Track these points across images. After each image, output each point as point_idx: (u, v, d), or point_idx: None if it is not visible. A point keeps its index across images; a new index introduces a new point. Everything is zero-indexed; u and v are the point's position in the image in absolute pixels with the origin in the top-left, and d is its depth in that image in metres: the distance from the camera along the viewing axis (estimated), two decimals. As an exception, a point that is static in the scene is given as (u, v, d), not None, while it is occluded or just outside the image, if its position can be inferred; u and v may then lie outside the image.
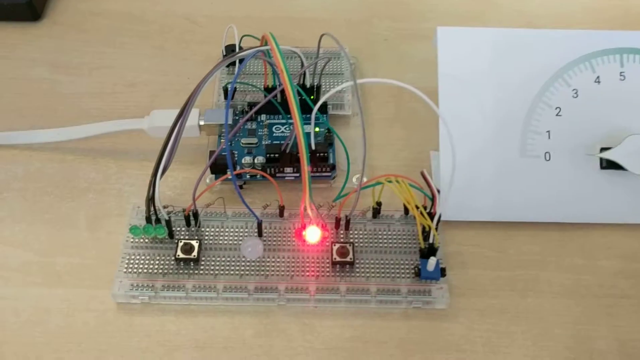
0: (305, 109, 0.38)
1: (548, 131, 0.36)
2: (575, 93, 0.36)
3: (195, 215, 0.33)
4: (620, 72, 0.36)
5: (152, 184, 0.31)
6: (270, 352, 0.31)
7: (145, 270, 0.32)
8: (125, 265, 0.32)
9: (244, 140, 0.38)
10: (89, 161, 0.38)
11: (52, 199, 0.36)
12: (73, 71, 0.44)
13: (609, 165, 0.35)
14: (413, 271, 0.33)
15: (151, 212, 0.32)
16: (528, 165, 0.36)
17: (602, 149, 0.35)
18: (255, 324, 0.32)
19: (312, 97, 0.39)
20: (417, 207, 0.32)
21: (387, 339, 0.32)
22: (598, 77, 0.36)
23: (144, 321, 0.32)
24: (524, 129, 0.36)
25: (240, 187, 0.37)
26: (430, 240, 0.32)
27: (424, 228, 0.33)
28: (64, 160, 0.38)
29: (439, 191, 0.33)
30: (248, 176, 0.37)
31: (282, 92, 0.38)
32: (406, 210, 0.35)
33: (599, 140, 0.36)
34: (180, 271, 0.32)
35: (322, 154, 0.36)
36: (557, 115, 0.36)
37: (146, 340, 0.31)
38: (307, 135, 0.35)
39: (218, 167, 0.35)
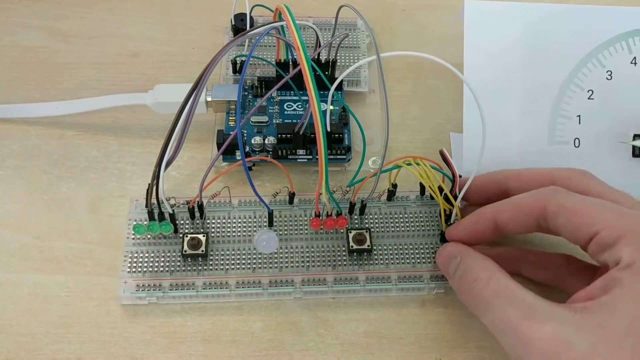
0: (321, 86, 0.35)
1: (579, 116, 0.34)
2: (610, 75, 0.34)
3: (201, 207, 0.31)
4: (659, 53, 0.34)
5: (156, 175, 0.29)
6: (280, 347, 0.29)
7: (150, 269, 0.30)
8: (129, 265, 0.30)
9: (253, 119, 0.35)
10: (89, 137, 0.36)
11: (51, 178, 0.34)
12: (72, 39, 0.41)
13: (643, 153, 0.33)
14: (434, 255, 0.31)
15: (153, 206, 0.30)
16: (556, 152, 0.34)
17: (636, 136, 0.34)
18: (265, 316, 0.30)
19: (326, 72, 0.36)
20: (441, 190, 0.30)
21: (403, 335, 0.30)
22: (635, 58, 0.34)
23: (148, 311, 0.30)
24: (553, 112, 0.34)
25: (250, 168, 0.35)
26: (452, 222, 0.30)
27: (444, 210, 0.31)
28: (62, 137, 0.36)
29: (460, 176, 0.31)
30: (257, 154, 0.34)
31: (295, 66, 0.36)
32: (422, 191, 0.33)
33: (632, 126, 0.34)
34: (189, 268, 0.30)
35: (337, 135, 0.34)
36: (588, 98, 0.34)
37: (150, 332, 0.29)
38: (322, 115, 0.33)
39: (227, 149, 0.33)
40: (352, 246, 0.31)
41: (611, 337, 0.23)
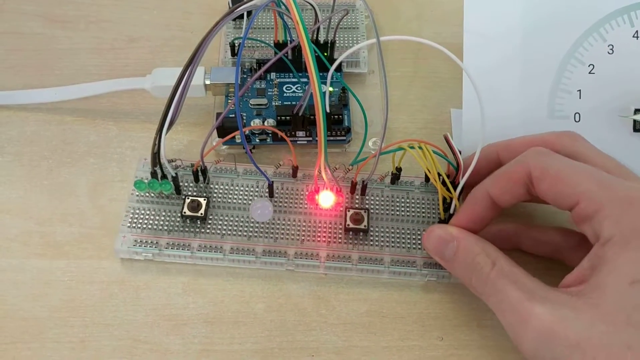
0: (320, 67, 0.35)
1: (579, 90, 0.34)
2: (611, 49, 0.34)
3: (204, 171, 0.32)
4: (662, 27, 0.34)
5: (157, 139, 0.29)
6: (283, 327, 0.29)
7: (149, 227, 0.31)
8: (130, 220, 0.31)
9: (252, 101, 0.35)
10: (88, 123, 0.36)
11: (51, 163, 0.34)
12: (69, 25, 0.41)
13: (644, 128, 0.33)
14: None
15: (156, 167, 0.31)
16: (556, 126, 0.33)
17: (637, 111, 0.33)
18: (267, 297, 0.30)
19: (325, 53, 0.36)
20: (440, 176, 0.30)
21: (405, 314, 0.30)
22: (637, 31, 0.34)
23: (150, 294, 0.30)
24: (553, 87, 0.34)
25: (250, 150, 0.35)
26: (452, 212, 0.30)
27: (444, 198, 0.31)
28: (62, 122, 0.36)
29: (460, 152, 0.31)
30: (257, 140, 0.34)
31: (294, 49, 0.35)
32: (427, 178, 0.33)
33: (633, 101, 0.33)
34: (187, 229, 0.31)
35: (336, 116, 0.34)
36: (589, 72, 0.34)
37: (153, 314, 0.30)
38: (321, 97, 0.33)
39: (226, 131, 0.33)
40: (348, 225, 0.31)
41: (606, 313, 0.23)
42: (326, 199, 0.31)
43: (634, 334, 0.22)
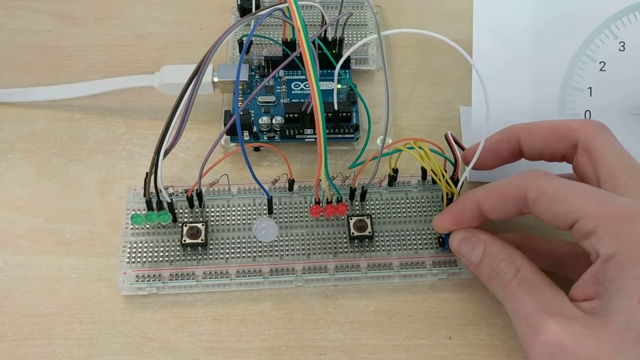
0: (327, 65, 0.35)
1: (590, 88, 0.34)
2: (623, 46, 0.33)
3: (199, 195, 0.31)
4: (674, 23, 0.33)
5: (154, 163, 0.28)
6: (291, 326, 0.29)
7: (150, 259, 0.30)
8: (128, 255, 0.30)
9: (260, 99, 0.35)
10: (97, 120, 0.36)
11: (60, 160, 0.34)
12: (78, 22, 0.41)
13: (656, 126, 0.33)
14: (436, 241, 0.31)
15: (151, 195, 0.30)
16: (567, 125, 0.33)
17: (649, 108, 0.33)
18: (275, 295, 0.30)
19: (333, 51, 0.36)
20: (443, 175, 0.30)
21: (413, 312, 0.30)
22: (649, 28, 0.33)
23: (158, 292, 0.30)
24: (564, 84, 0.34)
25: (257, 149, 0.35)
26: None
27: (446, 194, 0.30)
28: (71, 119, 0.36)
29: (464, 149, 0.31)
30: (265, 138, 0.34)
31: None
32: (423, 175, 0.33)
33: (645, 98, 0.33)
34: (188, 257, 0.30)
35: (344, 114, 0.34)
36: (600, 70, 0.33)
37: (161, 312, 0.30)
38: (328, 94, 0.32)
39: (234, 129, 0.33)
40: (353, 233, 0.31)
41: (614, 333, 0.23)
42: (328, 209, 0.30)
43: None
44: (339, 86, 0.36)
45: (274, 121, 0.34)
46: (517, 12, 0.34)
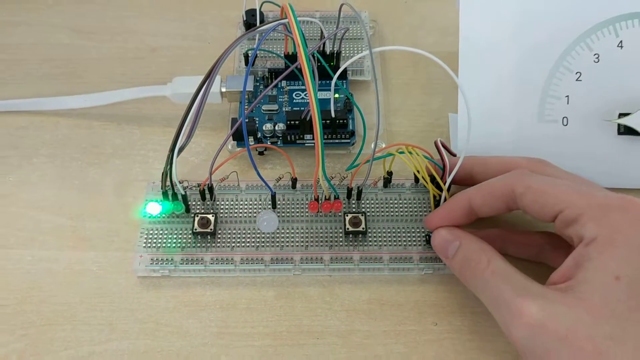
0: (326, 76, 0.38)
1: (567, 96, 0.36)
2: (597, 58, 0.36)
3: (211, 189, 0.34)
4: (644, 37, 0.36)
5: (169, 159, 0.31)
6: (291, 313, 0.32)
7: (163, 245, 0.33)
8: (144, 241, 0.33)
9: (264, 107, 0.38)
10: (114, 127, 0.39)
11: (80, 164, 0.38)
12: (94, 36, 0.44)
13: (627, 131, 0.35)
14: (424, 239, 0.34)
15: (167, 187, 0.33)
16: (546, 130, 0.36)
17: (621, 115, 0.35)
18: (277, 286, 0.33)
19: (331, 63, 0.39)
20: (433, 177, 0.32)
21: (403, 302, 0.33)
22: (621, 41, 0.36)
23: (171, 282, 0.33)
24: (543, 93, 0.36)
25: (262, 153, 0.38)
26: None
27: (435, 196, 0.33)
28: (90, 127, 0.39)
29: (454, 155, 0.33)
30: (269, 142, 0.37)
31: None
32: (416, 179, 0.36)
33: (617, 106, 0.36)
34: (198, 245, 0.33)
35: (341, 121, 0.37)
36: (577, 80, 0.36)
37: (173, 300, 0.33)
38: (326, 103, 0.35)
39: (240, 134, 0.36)
40: (348, 228, 0.34)
41: (592, 307, 0.25)
42: (325, 205, 0.34)
43: (616, 325, 0.24)
44: (337, 95, 0.39)
45: (276, 127, 0.37)
46: (500, 26, 0.37)
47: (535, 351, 0.26)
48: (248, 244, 0.33)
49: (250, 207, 0.35)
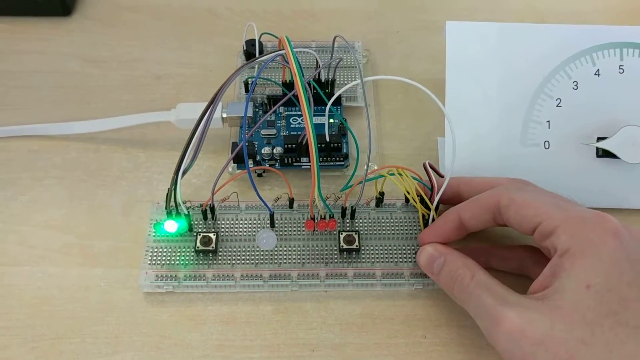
0: (320, 102, 0.40)
1: (548, 121, 0.38)
2: (576, 85, 0.38)
3: (212, 209, 0.36)
4: (620, 66, 0.38)
5: (174, 181, 0.34)
6: (288, 327, 0.34)
7: (168, 262, 0.35)
8: (150, 258, 0.35)
9: (263, 132, 0.40)
10: (120, 151, 0.41)
11: (88, 186, 0.40)
12: (103, 64, 0.47)
13: (604, 154, 0.37)
14: (415, 256, 0.35)
15: (171, 207, 0.35)
16: (528, 153, 0.38)
17: (599, 139, 0.38)
18: (275, 301, 0.35)
19: (326, 90, 0.41)
20: (419, 196, 0.35)
21: (393, 316, 0.34)
22: (598, 70, 0.38)
23: (174, 298, 0.35)
24: (525, 118, 0.39)
25: (260, 175, 0.40)
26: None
27: (424, 215, 0.35)
28: (98, 150, 0.41)
29: (442, 176, 0.36)
30: (267, 165, 0.39)
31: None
32: (407, 199, 0.37)
33: (595, 130, 0.38)
34: (200, 262, 0.35)
35: (335, 145, 0.39)
36: (557, 106, 0.38)
37: (176, 315, 0.34)
38: (322, 127, 0.38)
39: (241, 157, 0.38)
40: (342, 246, 0.35)
41: (565, 314, 0.27)
42: (320, 224, 0.35)
43: (587, 330, 0.26)
44: (331, 120, 0.41)
45: (274, 151, 0.39)
46: (484, 55, 0.39)
47: (515, 355, 0.27)
48: (248, 261, 0.35)
49: (250, 226, 0.37)
